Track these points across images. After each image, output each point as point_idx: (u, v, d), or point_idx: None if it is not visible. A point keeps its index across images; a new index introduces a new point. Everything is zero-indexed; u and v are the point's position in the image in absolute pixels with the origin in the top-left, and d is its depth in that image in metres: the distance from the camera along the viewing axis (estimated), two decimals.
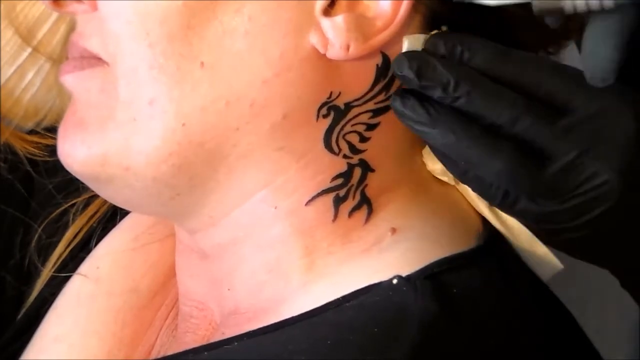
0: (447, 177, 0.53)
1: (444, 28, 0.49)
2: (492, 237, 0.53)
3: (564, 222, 0.48)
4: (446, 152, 0.48)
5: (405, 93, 0.48)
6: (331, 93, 0.48)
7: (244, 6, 0.47)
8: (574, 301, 0.57)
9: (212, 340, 0.52)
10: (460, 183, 0.53)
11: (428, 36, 0.48)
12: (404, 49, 0.48)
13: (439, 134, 0.47)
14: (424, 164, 0.53)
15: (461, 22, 0.48)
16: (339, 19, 0.47)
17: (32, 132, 0.69)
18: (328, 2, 0.47)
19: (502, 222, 0.53)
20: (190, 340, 0.55)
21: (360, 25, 0.47)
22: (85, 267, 0.61)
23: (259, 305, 0.50)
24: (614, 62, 0.44)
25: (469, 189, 0.51)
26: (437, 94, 0.47)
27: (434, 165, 0.53)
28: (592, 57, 0.45)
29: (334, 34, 0.47)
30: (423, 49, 0.48)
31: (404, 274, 0.47)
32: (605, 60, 0.44)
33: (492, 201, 0.50)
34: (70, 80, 0.50)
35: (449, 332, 0.45)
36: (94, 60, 0.49)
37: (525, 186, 0.47)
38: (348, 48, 0.47)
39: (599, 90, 0.46)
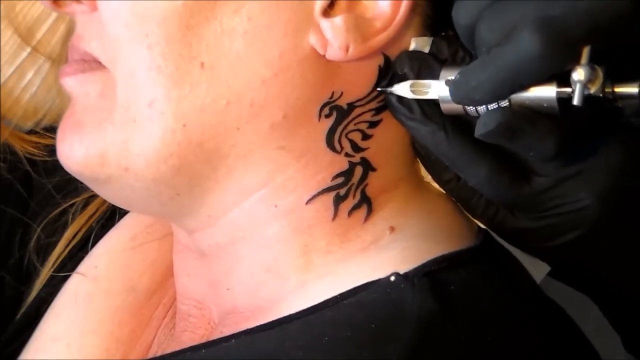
0: None
1: (450, 32, 0.49)
2: (490, 236, 0.53)
3: (538, 242, 0.49)
4: (434, 151, 0.48)
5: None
6: (333, 93, 0.48)
7: (242, 6, 0.47)
8: (574, 301, 0.57)
9: (210, 339, 0.52)
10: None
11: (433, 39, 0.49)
12: (411, 50, 0.49)
13: (430, 132, 0.48)
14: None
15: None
16: (338, 19, 0.47)
17: (31, 132, 0.69)
18: (327, 3, 0.47)
19: None
20: (188, 339, 0.55)
21: (360, 26, 0.48)
22: (84, 266, 0.61)
23: (258, 305, 0.51)
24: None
25: None
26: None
27: None
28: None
29: (332, 35, 0.47)
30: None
31: (401, 272, 0.47)
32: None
33: (474, 213, 0.51)
34: (70, 83, 0.50)
35: (447, 329, 0.45)
36: (95, 63, 0.49)
37: (505, 195, 0.48)
38: (347, 49, 0.47)
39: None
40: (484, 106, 0.46)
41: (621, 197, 0.48)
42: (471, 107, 0.46)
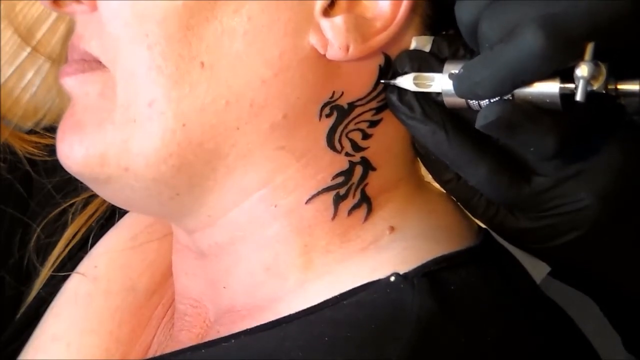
0: None
1: (451, 31, 0.49)
2: (489, 236, 0.53)
3: (538, 242, 0.49)
4: (435, 150, 0.48)
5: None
6: (333, 93, 0.48)
7: (243, 6, 0.47)
8: (574, 301, 0.57)
9: (206, 338, 0.52)
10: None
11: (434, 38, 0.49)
12: (411, 49, 0.49)
13: (430, 131, 0.48)
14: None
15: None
16: (338, 19, 0.47)
17: (31, 131, 0.69)
18: (327, 2, 0.47)
19: None
20: (185, 339, 0.55)
21: (360, 26, 0.48)
22: (83, 266, 0.61)
23: (255, 304, 0.51)
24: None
25: None
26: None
27: None
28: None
29: (333, 35, 0.47)
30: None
31: (401, 272, 0.47)
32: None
33: (474, 212, 0.51)
34: (70, 83, 0.51)
35: (446, 329, 0.45)
36: (95, 63, 0.50)
37: (505, 195, 0.48)
38: (347, 48, 0.47)
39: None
40: (487, 100, 0.46)
41: (621, 197, 0.48)
42: (474, 101, 0.46)
